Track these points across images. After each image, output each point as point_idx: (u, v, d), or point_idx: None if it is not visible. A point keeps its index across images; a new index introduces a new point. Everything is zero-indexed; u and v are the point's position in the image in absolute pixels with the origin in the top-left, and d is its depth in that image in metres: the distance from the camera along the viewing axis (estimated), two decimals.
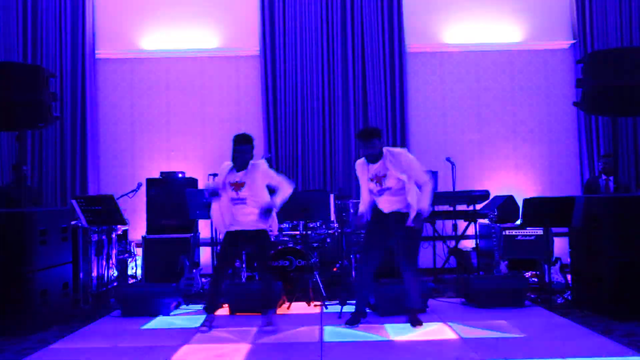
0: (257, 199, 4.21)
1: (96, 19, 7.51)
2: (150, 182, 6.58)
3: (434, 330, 4.10)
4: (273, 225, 4.38)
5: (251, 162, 4.27)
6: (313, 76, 7.26)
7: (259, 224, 4.24)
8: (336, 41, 7.28)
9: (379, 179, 4.15)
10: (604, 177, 6.27)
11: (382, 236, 4.26)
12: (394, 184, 4.11)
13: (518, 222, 6.12)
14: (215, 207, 4.34)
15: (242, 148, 4.24)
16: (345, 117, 7.28)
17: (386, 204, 4.20)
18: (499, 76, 7.49)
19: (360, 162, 4.31)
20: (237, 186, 4.23)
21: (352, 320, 4.27)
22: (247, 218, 4.24)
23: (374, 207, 4.30)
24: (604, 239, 4.39)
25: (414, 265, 4.23)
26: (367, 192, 4.27)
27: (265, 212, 4.17)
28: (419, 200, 4.11)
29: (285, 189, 4.31)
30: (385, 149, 4.18)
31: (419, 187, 4.15)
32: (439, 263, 6.52)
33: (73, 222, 5.18)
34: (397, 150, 4.24)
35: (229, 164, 4.33)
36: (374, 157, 4.16)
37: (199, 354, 3.66)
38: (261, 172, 4.25)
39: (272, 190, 4.35)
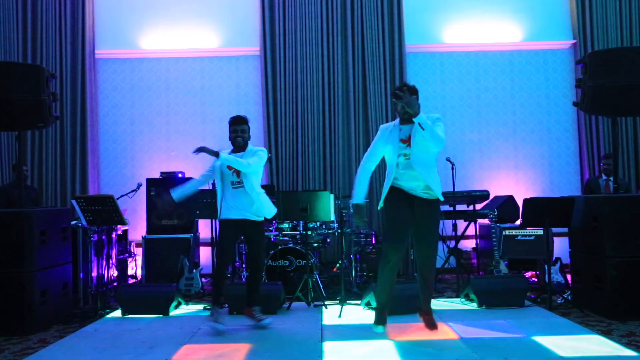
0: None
1: (96, 19, 7.51)
2: (150, 182, 6.58)
3: (434, 330, 4.10)
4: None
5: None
6: (313, 76, 7.26)
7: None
8: (336, 41, 7.29)
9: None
10: (604, 177, 6.27)
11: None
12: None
13: (518, 222, 6.12)
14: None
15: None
16: (345, 117, 7.28)
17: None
18: (499, 76, 7.50)
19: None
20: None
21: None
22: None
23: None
24: (604, 239, 4.39)
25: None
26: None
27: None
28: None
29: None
30: None
31: None
32: (439, 263, 6.51)
33: (73, 222, 5.19)
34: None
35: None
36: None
37: (199, 353, 3.66)
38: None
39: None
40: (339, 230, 5.49)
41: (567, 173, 7.45)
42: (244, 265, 5.98)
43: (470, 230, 6.25)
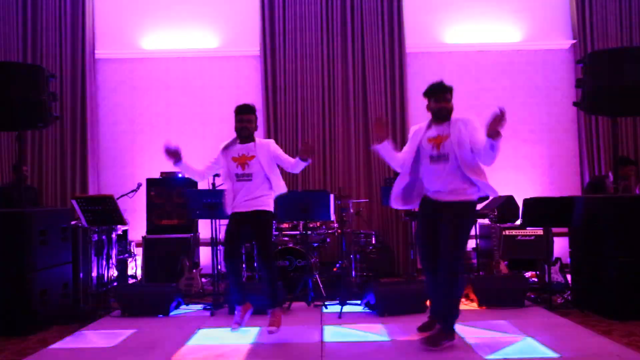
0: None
1: (96, 19, 7.51)
2: (150, 182, 6.58)
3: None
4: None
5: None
6: (313, 76, 7.26)
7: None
8: (336, 41, 7.29)
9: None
10: (611, 177, 6.25)
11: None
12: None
13: (518, 222, 6.12)
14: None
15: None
16: (345, 117, 7.28)
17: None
18: (499, 76, 7.50)
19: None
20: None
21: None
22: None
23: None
24: (604, 239, 4.39)
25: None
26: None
27: None
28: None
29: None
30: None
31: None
32: None
33: (73, 222, 5.18)
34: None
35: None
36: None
37: (199, 353, 3.66)
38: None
39: None
40: (339, 230, 5.49)
41: (567, 173, 7.45)
42: (244, 265, 5.97)
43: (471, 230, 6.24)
